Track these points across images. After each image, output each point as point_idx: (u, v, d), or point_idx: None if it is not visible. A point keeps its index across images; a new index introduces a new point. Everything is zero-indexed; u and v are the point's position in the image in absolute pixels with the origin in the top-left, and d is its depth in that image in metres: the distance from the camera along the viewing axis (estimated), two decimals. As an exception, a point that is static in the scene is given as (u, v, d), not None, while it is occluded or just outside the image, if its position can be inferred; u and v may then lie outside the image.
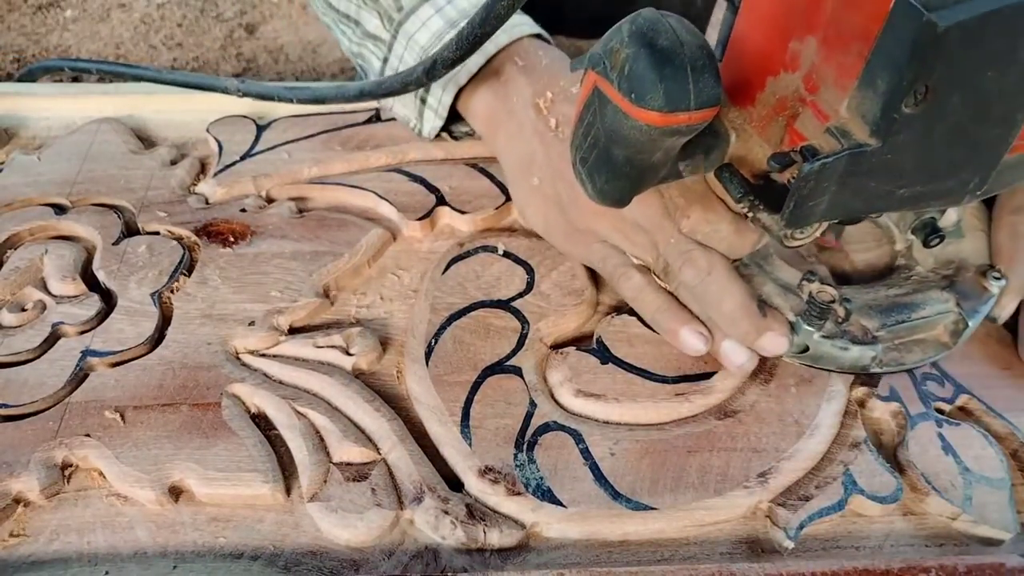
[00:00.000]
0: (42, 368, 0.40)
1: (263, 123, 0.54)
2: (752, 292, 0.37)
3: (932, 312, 0.38)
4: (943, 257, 0.40)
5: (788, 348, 0.37)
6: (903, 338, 0.38)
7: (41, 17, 1.41)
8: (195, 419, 0.38)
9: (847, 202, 0.29)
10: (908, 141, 0.27)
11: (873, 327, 0.37)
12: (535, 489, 0.35)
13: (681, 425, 0.39)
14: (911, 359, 0.38)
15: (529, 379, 0.40)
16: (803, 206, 0.29)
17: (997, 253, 0.41)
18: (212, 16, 1.43)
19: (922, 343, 0.38)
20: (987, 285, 0.38)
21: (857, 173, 0.28)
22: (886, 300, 0.38)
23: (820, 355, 0.38)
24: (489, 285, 0.44)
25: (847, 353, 0.37)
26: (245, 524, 0.35)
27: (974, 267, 0.39)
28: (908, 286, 0.39)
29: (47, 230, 0.48)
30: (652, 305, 0.40)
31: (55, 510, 0.36)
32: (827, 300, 0.36)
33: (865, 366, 0.38)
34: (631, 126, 0.29)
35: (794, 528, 0.35)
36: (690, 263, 0.37)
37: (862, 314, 0.37)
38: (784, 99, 0.30)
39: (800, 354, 0.38)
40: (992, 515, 0.36)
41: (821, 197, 0.29)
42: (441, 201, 0.48)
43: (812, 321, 0.36)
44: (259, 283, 0.44)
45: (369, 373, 0.41)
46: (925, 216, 0.38)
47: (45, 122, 0.57)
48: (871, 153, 0.27)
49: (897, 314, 0.37)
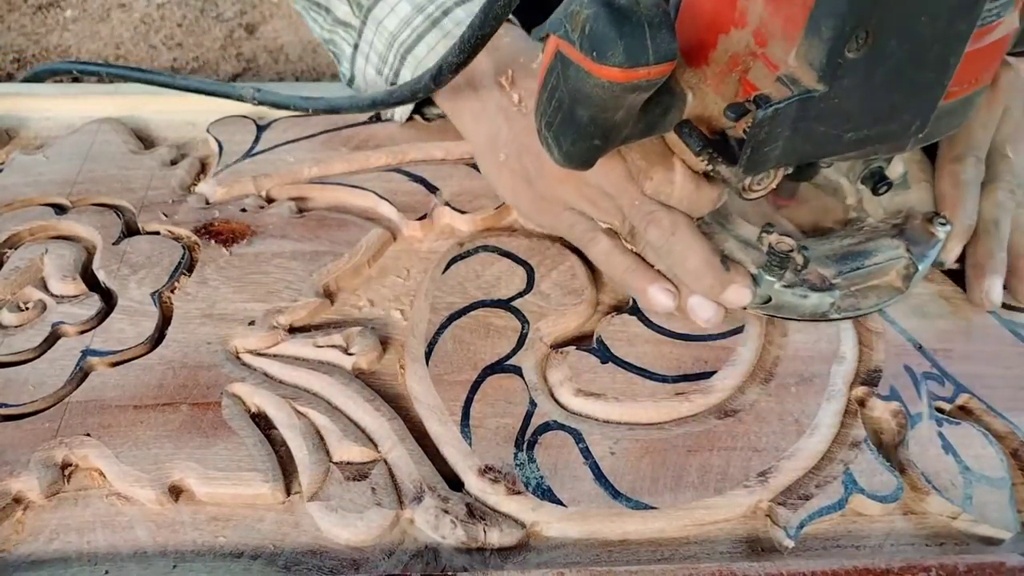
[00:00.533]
0: (42, 368, 0.40)
1: (263, 123, 0.54)
2: (715, 248, 0.39)
3: (884, 258, 0.40)
4: (892, 207, 0.42)
5: (751, 299, 0.39)
6: (858, 284, 0.40)
7: (41, 17, 1.41)
8: (195, 418, 0.38)
9: (800, 147, 0.31)
10: (852, 85, 0.29)
11: (830, 275, 0.39)
12: (535, 488, 0.35)
13: (681, 424, 0.39)
14: (867, 304, 0.40)
15: (529, 378, 0.40)
16: (759, 152, 0.31)
17: (941, 200, 0.43)
18: (212, 16, 1.43)
19: (876, 288, 0.40)
20: (934, 231, 0.40)
21: (807, 118, 0.30)
22: (841, 249, 0.40)
23: (782, 304, 0.39)
24: (489, 285, 0.44)
25: (807, 301, 0.39)
26: (245, 523, 0.35)
27: (921, 215, 0.41)
28: (861, 236, 0.41)
29: (47, 230, 0.48)
30: (621, 266, 0.41)
31: (55, 510, 0.36)
32: (786, 249, 0.37)
33: (824, 312, 0.39)
34: (594, 84, 0.30)
35: (794, 527, 0.35)
36: (654, 223, 0.38)
37: (819, 263, 0.39)
38: (736, 55, 0.31)
39: (763, 305, 0.40)
40: (992, 514, 0.36)
41: (775, 143, 0.31)
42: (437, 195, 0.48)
43: (773, 271, 0.38)
44: (259, 283, 0.44)
45: (369, 373, 0.41)
46: (873, 165, 0.40)
47: (45, 122, 0.57)
48: (819, 98, 0.29)
49: (852, 261, 0.39)
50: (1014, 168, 0.45)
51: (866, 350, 0.42)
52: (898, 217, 0.42)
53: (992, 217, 0.44)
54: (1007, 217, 0.44)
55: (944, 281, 0.46)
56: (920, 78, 0.30)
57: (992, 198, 0.44)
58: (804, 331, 0.43)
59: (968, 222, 0.43)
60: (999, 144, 0.45)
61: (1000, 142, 0.45)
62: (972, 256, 0.44)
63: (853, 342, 0.42)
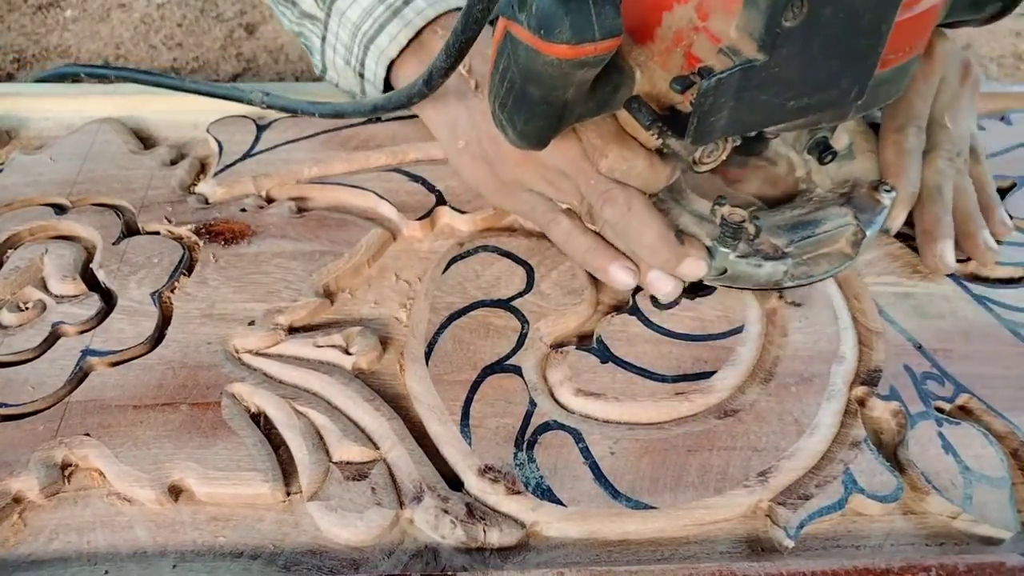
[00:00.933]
0: (42, 368, 0.40)
1: (263, 123, 0.54)
2: (670, 223, 0.40)
3: (833, 226, 0.41)
4: (839, 177, 0.44)
5: (707, 271, 0.40)
6: (810, 252, 0.41)
7: (41, 17, 1.41)
8: (195, 418, 0.38)
9: (744, 116, 0.32)
10: (791, 54, 0.30)
11: (782, 244, 0.40)
12: (535, 488, 0.35)
13: (681, 424, 0.39)
14: (819, 271, 0.41)
15: (529, 378, 0.40)
16: (705, 122, 0.32)
17: (885, 169, 0.45)
18: (212, 16, 1.43)
19: (827, 256, 0.41)
20: (879, 198, 0.42)
21: (750, 87, 0.31)
22: (791, 219, 0.41)
23: (737, 274, 0.40)
24: (489, 284, 0.44)
25: (761, 270, 0.40)
26: (245, 523, 0.35)
27: (867, 184, 0.43)
28: (810, 206, 0.42)
29: (47, 230, 0.48)
30: (581, 246, 0.42)
31: (55, 509, 0.36)
32: (738, 220, 0.38)
33: (778, 281, 0.40)
34: (543, 62, 0.31)
35: (794, 527, 0.35)
36: (610, 201, 0.39)
37: (771, 233, 0.40)
38: (680, 31, 0.32)
39: (720, 276, 0.41)
40: (992, 514, 0.36)
41: (720, 113, 0.32)
42: (440, 201, 0.48)
43: (726, 242, 0.39)
44: (259, 283, 0.44)
45: (369, 372, 0.41)
46: (817, 135, 0.41)
47: (45, 122, 0.57)
48: (760, 67, 0.30)
49: (802, 230, 0.41)
50: (952, 136, 0.47)
51: (866, 350, 0.42)
52: (845, 187, 0.43)
53: (935, 183, 0.46)
54: (949, 183, 0.46)
55: (943, 281, 0.46)
56: (855, 45, 0.31)
57: (934, 166, 0.46)
58: (804, 331, 0.43)
59: (912, 189, 0.45)
60: (938, 114, 0.47)
61: (939, 112, 0.47)
62: (920, 223, 0.46)
63: (853, 342, 0.43)
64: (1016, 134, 0.56)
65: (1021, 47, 1.45)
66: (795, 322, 0.43)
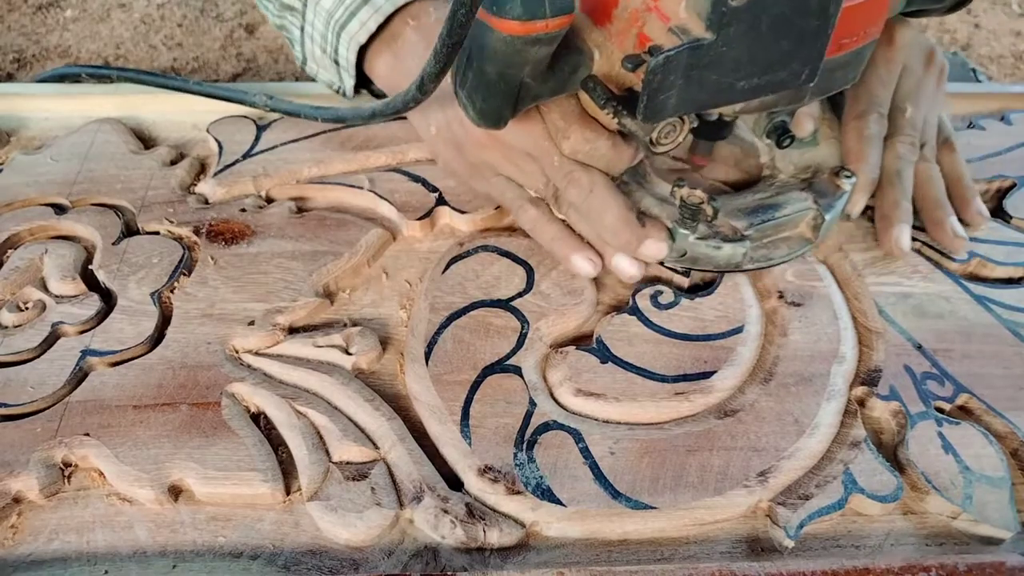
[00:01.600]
0: (42, 367, 0.40)
1: (263, 123, 0.54)
2: (632, 204, 0.41)
3: (794, 210, 0.42)
4: (802, 163, 0.45)
5: (668, 252, 0.41)
6: (770, 236, 0.42)
7: (41, 17, 1.41)
8: (195, 418, 0.38)
9: (694, 95, 0.33)
10: (739, 34, 0.31)
11: (742, 227, 0.41)
12: (535, 488, 0.35)
13: (681, 424, 0.39)
14: (778, 254, 0.42)
15: (529, 378, 0.40)
16: (655, 99, 0.33)
17: (846, 155, 0.46)
18: (212, 16, 1.43)
19: (787, 239, 0.42)
20: (840, 183, 0.43)
21: (699, 66, 0.32)
22: (752, 203, 0.42)
23: (697, 256, 0.41)
24: (489, 284, 0.44)
25: (720, 252, 0.41)
26: (245, 523, 0.35)
27: (828, 169, 0.44)
28: (772, 190, 0.43)
29: (47, 230, 0.48)
30: (547, 234, 0.43)
31: (55, 509, 0.36)
32: (696, 202, 0.39)
33: (738, 263, 0.41)
34: (496, 39, 0.32)
35: (794, 527, 0.35)
36: (573, 182, 0.40)
37: (732, 216, 0.41)
38: (636, 11, 0.33)
39: (680, 258, 0.42)
40: (992, 514, 0.36)
41: (670, 91, 0.32)
42: (440, 201, 0.48)
43: (686, 224, 0.40)
44: (259, 283, 0.44)
45: (369, 372, 0.41)
46: (776, 120, 0.42)
47: (45, 122, 0.57)
48: (708, 46, 0.31)
49: (763, 214, 0.41)
50: (914, 122, 0.48)
51: (866, 350, 0.42)
52: (807, 172, 0.44)
53: (895, 169, 0.46)
54: (909, 169, 0.47)
55: (943, 281, 0.46)
56: (804, 26, 0.32)
57: (894, 151, 0.47)
58: (804, 331, 0.43)
59: (872, 175, 0.46)
60: (899, 100, 0.48)
61: (900, 98, 0.48)
62: (880, 208, 0.47)
63: (853, 342, 0.43)
64: (1016, 134, 0.56)
65: (1021, 47, 1.45)
66: (795, 322, 0.43)
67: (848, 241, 0.47)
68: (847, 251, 0.47)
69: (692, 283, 0.45)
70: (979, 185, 0.52)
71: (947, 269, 0.47)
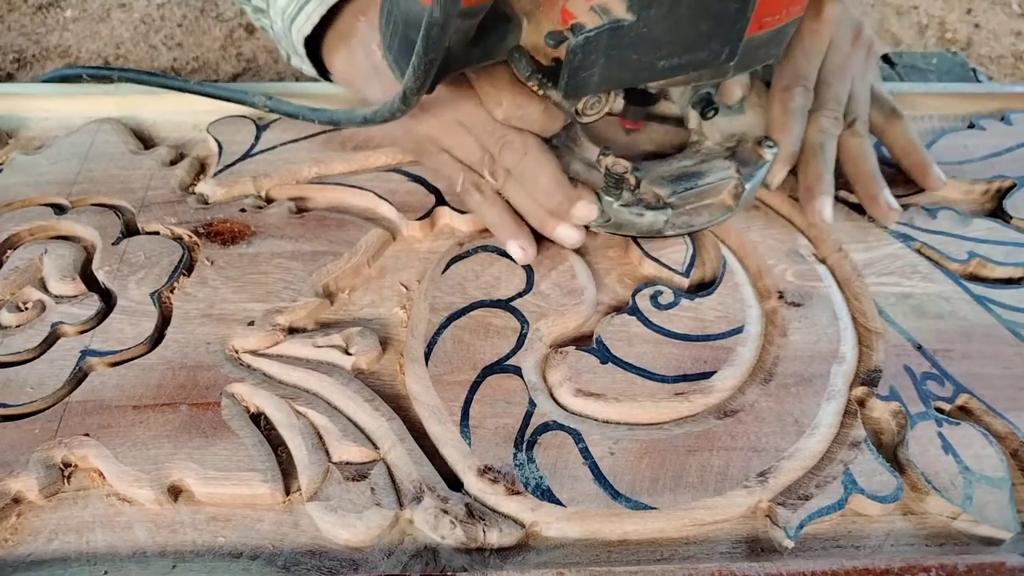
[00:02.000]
0: (41, 368, 0.40)
1: (263, 123, 0.54)
2: (563, 167, 0.42)
3: (716, 178, 0.43)
4: (727, 131, 0.46)
5: (597, 215, 0.42)
6: (692, 203, 0.43)
7: (41, 17, 1.41)
8: (194, 419, 0.38)
9: (616, 73, 0.34)
10: (659, 15, 0.32)
11: (664, 194, 0.42)
12: (534, 488, 0.35)
13: (681, 424, 0.39)
14: (699, 221, 0.43)
15: (529, 379, 0.40)
16: (576, 77, 0.33)
17: (770, 126, 0.46)
18: (212, 16, 1.43)
19: (709, 207, 0.43)
20: (762, 153, 0.44)
21: (620, 46, 0.32)
22: (676, 171, 0.43)
23: (621, 223, 0.42)
24: (488, 285, 0.44)
25: (642, 219, 0.42)
26: (244, 523, 0.35)
27: (752, 139, 0.45)
28: (696, 158, 0.44)
29: (47, 230, 0.48)
30: (489, 217, 0.45)
31: (54, 510, 0.36)
32: (620, 171, 0.40)
33: (659, 229, 0.43)
34: (419, 9, 0.32)
35: (794, 527, 0.35)
36: (507, 146, 0.41)
37: (655, 183, 0.42)
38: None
39: (605, 224, 0.43)
40: (992, 514, 0.36)
41: (592, 69, 0.33)
42: (440, 201, 0.48)
43: (610, 191, 0.41)
44: (259, 283, 0.44)
45: (369, 373, 0.41)
46: (701, 91, 0.43)
47: (45, 122, 0.57)
48: (629, 27, 0.31)
49: (685, 182, 0.42)
50: (839, 97, 0.48)
51: (866, 350, 0.42)
52: (732, 140, 0.45)
53: (818, 141, 0.47)
54: (832, 141, 0.47)
55: (943, 281, 0.46)
56: (724, 8, 0.33)
57: (817, 124, 0.47)
58: (804, 331, 0.43)
59: (793, 147, 0.46)
60: (826, 75, 0.48)
61: (827, 73, 0.48)
62: (803, 179, 0.47)
63: (853, 342, 0.43)
64: (1016, 134, 0.56)
65: (1021, 47, 1.45)
66: (795, 322, 0.43)
67: (848, 241, 0.47)
68: (847, 251, 0.47)
69: (692, 283, 0.45)
70: (979, 185, 0.52)
71: (947, 269, 0.47)
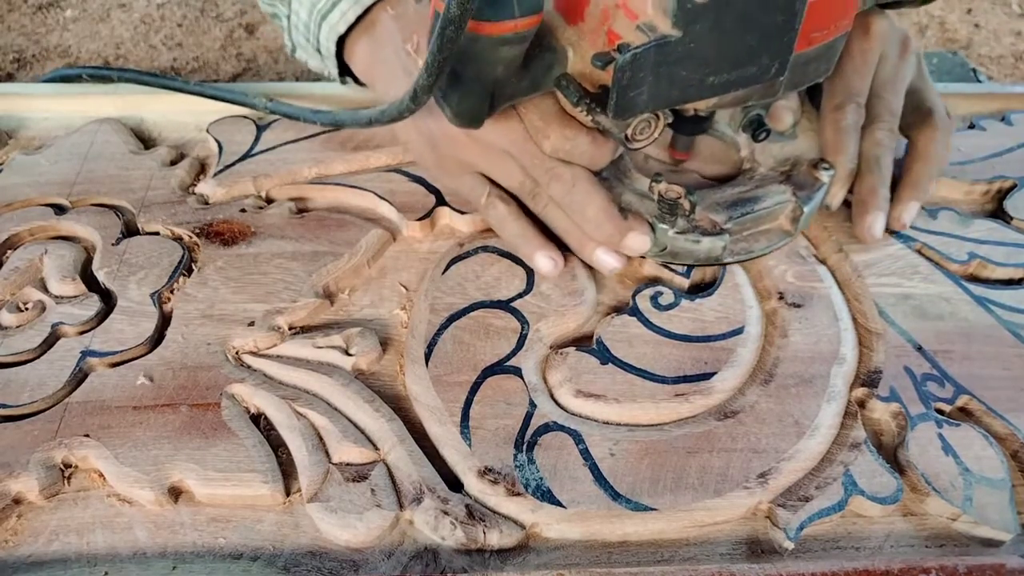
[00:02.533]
0: (42, 368, 0.40)
1: (263, 124, 0.54)
2: (613, 199, 0.41)
3: (772, 203, 0.42)
4: (781, 156, 0.45)
5: (649, 246, 0.41)
6: (750, 229, 0.43)
7: (41, 17, 1.41)
8: (195, 419, 0.38)
9: (664, 91, 0.34)
10: (705, 30, 0.32)
11: (721, 220, 0.41)
12: (535, 489, 0.35)
13: (681, 426, 0.38)
14: (758, 247, 0.43)
15: (529, 379, 0.40)
16: (625, 96, 0.33)
17: (825, 147, 0.46)
18: (212, 16, 1.43)
19: (767, 232, 0.43)
20: (818, 175, 0.43)
21: (667, 63, 0.32)
22: (732, 196, 0.43)
23: (677, 250, 0.42)
24: (489, 285, 0.44)
25: (699, 246, 0.41)
26: (244, 524, 0.35)
27: (807, 162, 0.44)
28: (751, 183, 0.44)
29: (47, 230, 0.48)
30: (512, 231, 0.44)
31: (54, 510, 0.36)
32: (674, 196, 0.40)
33: (717, 256, 0.42)
34: (468, 39, 0.32)
35: (794, 529, 0.35)
36: (556, 178, 0.41)
37: (711, 210, 0.42)
38: (605, 9, 0.34)
39: (661, 252, 0.42)
40: (992, 516, 0.36)
41: (640, 87, 0.33)
42: (440, 201, 0.48)
43: (665, 219, 0.41)
44: (259, 283, 0.44)
45: (369, 373, 0.41)
46: (751, 114, 0.42)
47: (45, 122, 0.57)
48: (675, 43, 0.31)
49: (742, 207, 0.42)
50: (893, 108, 0.47)
51: (866, 351, 0.42)
52: (786, 165, 0.45)
53: (873, 155, 0.46)
54: (888, 155, 0.47)
55: (944, 282, 0.46)
56: (770, 22, 0.33)
57: (872, 138, 0.46)
58: (804, 332, 0.43)
59: (850, 166, 0.46)
60: (877, 88, 0.48)
61: (878, 87, 0.48)
62: (857, 193, 0.47)
63: (853, 343, 0.42)
64: (1016, 134, 0.56)
65: (1021, 47, 1.45)
66: (795, 323, 0.43)
67: (849, 242, 0.47)
68: (847, 252, 0.47)
69: (692, 284, 0.45)
70: (979, 186, 0.52)
71: (947, 270, 0.47)
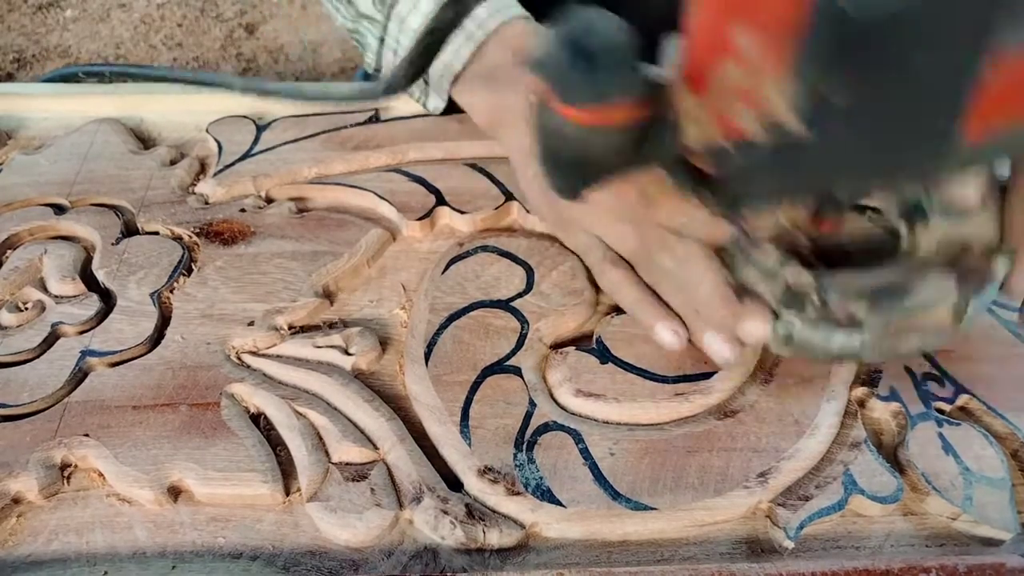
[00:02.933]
0: (41, 368, 0.40)
1: (263, 123, 0.54)
2: (729, 279, 0.37)
3: (929, 296, 0.35)
4: (947, 238, 0.36)
5: (767, 334, 0.36)
6: (897, 324, 0.35)
7: (41, 17, 1.41)
8: (194, 419, 0.38)
9: (789, 189, 0.30)
10: (840, 130, 0.26)
11: (861, 312, 0.35)
12: (535, 489, 0.35)
13: (681, 425, 0.38)
14: (906, 348, 0.36)
15: (529, 379, 0.40)
16: (738, 193, 0.30)
17: (1009, 231, 0.36)
18: (212, 16, 1.43)
19: (920, 330, 0.35)
20: (993, 266, 0.35)
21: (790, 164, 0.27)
22: (879, 283, 0.35)
23: (803, 344, 0.36)
24: (488, 285, 0.44)
25: (831, 342, 0.35)
26: (244, 524, 0.35)
27: (982, 247, 0.35)
28: (905, 270, 0.36)
29: (47, 230, 0.48)
30: (630, 297, 0.41)
31: (54, 510, 0.36)
32: (803, 288, 0.35)
33: (856, 354, 0.36)
34: (561, 123, 0.29)
35: (794, 528, 0.35)
36: (667, 251, 0.38)
37: (849, 298, 0.35)
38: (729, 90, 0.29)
39: (786, 344, 0.37)
40: (992, 515, 0.36)
41: (757, 186, 0.30)
42: (440, 201, 0.48)
43: (790, 305, 0.35)
44: (258, 283, 0.44)
45: (368, 373, 0.41)
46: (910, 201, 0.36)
47: (45, 122, 0.57)
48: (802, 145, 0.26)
49: (889, 298, 0.35)
50: None
51: (866, 351, 0.42)
52: (954, 249, 0.36)
53: None
54: None
55: (944, 281, 0.46)
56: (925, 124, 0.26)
57: None
58: (804, 332, 0.42)
59: None
60: None
61: None
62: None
63: (853, 343, 0.42)
64: None
65: (1021, 47, 1.44)
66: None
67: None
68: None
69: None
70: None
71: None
